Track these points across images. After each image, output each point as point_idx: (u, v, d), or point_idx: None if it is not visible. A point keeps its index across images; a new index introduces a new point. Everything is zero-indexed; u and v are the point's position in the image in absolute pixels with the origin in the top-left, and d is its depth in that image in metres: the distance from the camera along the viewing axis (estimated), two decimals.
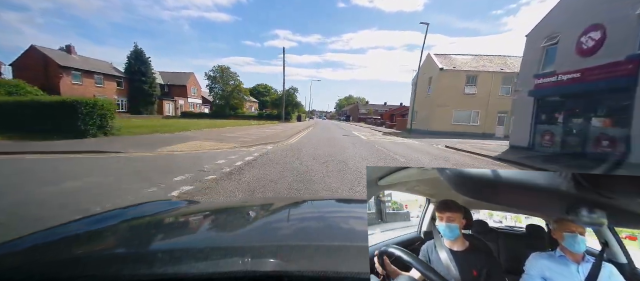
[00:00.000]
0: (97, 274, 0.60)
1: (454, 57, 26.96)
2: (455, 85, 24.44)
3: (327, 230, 1.00)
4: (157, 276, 0.58)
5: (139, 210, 1.21)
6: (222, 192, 4.23)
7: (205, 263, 0.63)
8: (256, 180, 5.01)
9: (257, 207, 1.34)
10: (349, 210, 1.31)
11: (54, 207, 3.38)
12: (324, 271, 0.58)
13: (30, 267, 0.65)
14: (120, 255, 0.76)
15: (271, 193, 4.28)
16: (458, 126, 24.79)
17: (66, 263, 0.69)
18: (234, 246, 0.78)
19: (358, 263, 0.63)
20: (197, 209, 1.32)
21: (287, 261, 0.65)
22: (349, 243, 0.81)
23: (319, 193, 4.42)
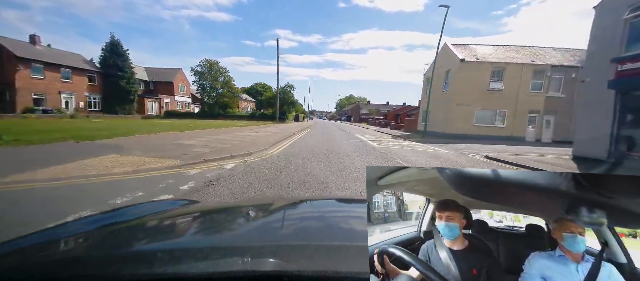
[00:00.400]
0: (97, 274, 0.60)
1: (475, 48, 23.09)
2: (478, 80, 20.56)
3: (327, 230, 1.00)
4: (157, 276, 0.58)
5: (139, 210, 1.24)
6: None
7: (205, 263, 0.63)
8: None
9: (257, 206, 1.35)
10: (349, 210, 1.30)
11: None
12: (324, 271, 0.58)
13: (30, 267, 0.66)
14: (120, 255, 0.74)
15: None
16: (481, 128, 20.91)
17: (66, 263, 0.69)
18: (234, 246, 0.78)
19: (358, 263, 0.62)
20: (197, 209, 1.34)
21: (287, 261, 0.64)
22: (349, 243, 0.82)
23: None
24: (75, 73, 28.08)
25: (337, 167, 6.88)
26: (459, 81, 20.71)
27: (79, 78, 28.48)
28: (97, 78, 30.23)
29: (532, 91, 20.82)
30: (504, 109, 21.00)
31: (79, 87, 28.35)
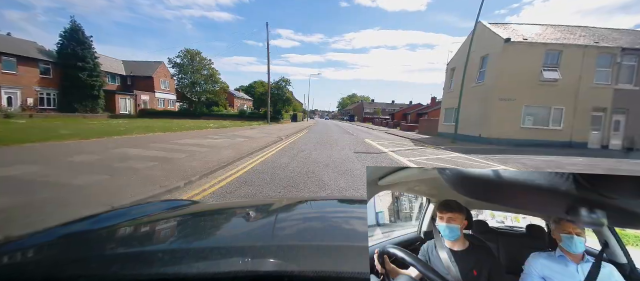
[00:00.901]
0: (97, 274, 0.59)
1: (517, 27, 17.98)
2: (526, 66, 15.50)
3: (327, 230, 0.99)
4: (157, 276, 0.57)
5: (140, 210, 1.21)
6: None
7: (205, 263, 0.63)
8: None
9: (257, 207, 1.34)
10: (349, 210, 1.29)
11: None
12: (324, 271, 0.58)
13: (30, 267, 0.65)
14: (121, 255, 0.74)
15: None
16: (530, 131, 15.86)
17: (66, 263, 0.68)
18: (234, 246, 0.77)
19: (358, 263, 0.62)
20: (197, 209, 1.31)
21: (287, 261, 0.64)
22: (349, 243, 0.81)
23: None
24: (22, 63, 23.00)
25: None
26: (502, 68, 15.62)
27: (27, 70, 23.40)
28: (53, 70, 25.27)
29: (597, 83, 15.73)
30: (560, 105, 15.90)
31: (27, 80, 23.33)
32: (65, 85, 25.26)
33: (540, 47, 15.61)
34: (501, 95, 15.72)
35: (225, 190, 4.36)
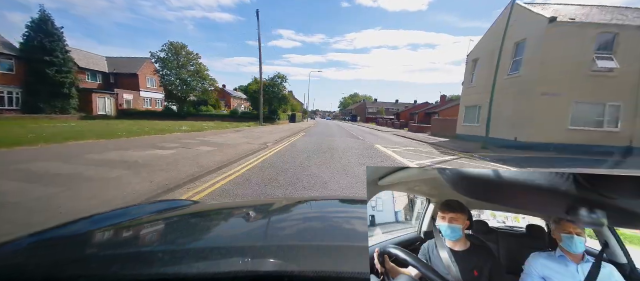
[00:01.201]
0: (97, 274, 0.59)
1: (558, 8, 14.84)
2: (575, 53, 12.39)
3: (327, 230, 0.98)
4: (157, 276, 0.57)
5: (139, 210, 1.20)
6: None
7: (206, 263, 0.63)
8: None
9: (257, 206, 1.33)
10: (349, 210, 1.28)
11: None
12: (325, 271, 0.58)
13: (30, 267, 0.65)
14: (120, 255, 0.73)
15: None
16: (578, 133, 12.74)
17: (66, 263, 0.68)
18: (234, 246, 0.77)
19: (358, 263, 0.62)
20: (197, 209, 1.30)
21: (288, 261, 0.63)
22: (349, 243, 0.81)
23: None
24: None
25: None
26: (545, 54, 12.50)
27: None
28: (15, 65, 22.31)
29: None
30: (616, 101, 12.76)
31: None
32: (30, 82, 22.28)
33: (591, 28, 12.50)
34: (543, 89, 12.63)
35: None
